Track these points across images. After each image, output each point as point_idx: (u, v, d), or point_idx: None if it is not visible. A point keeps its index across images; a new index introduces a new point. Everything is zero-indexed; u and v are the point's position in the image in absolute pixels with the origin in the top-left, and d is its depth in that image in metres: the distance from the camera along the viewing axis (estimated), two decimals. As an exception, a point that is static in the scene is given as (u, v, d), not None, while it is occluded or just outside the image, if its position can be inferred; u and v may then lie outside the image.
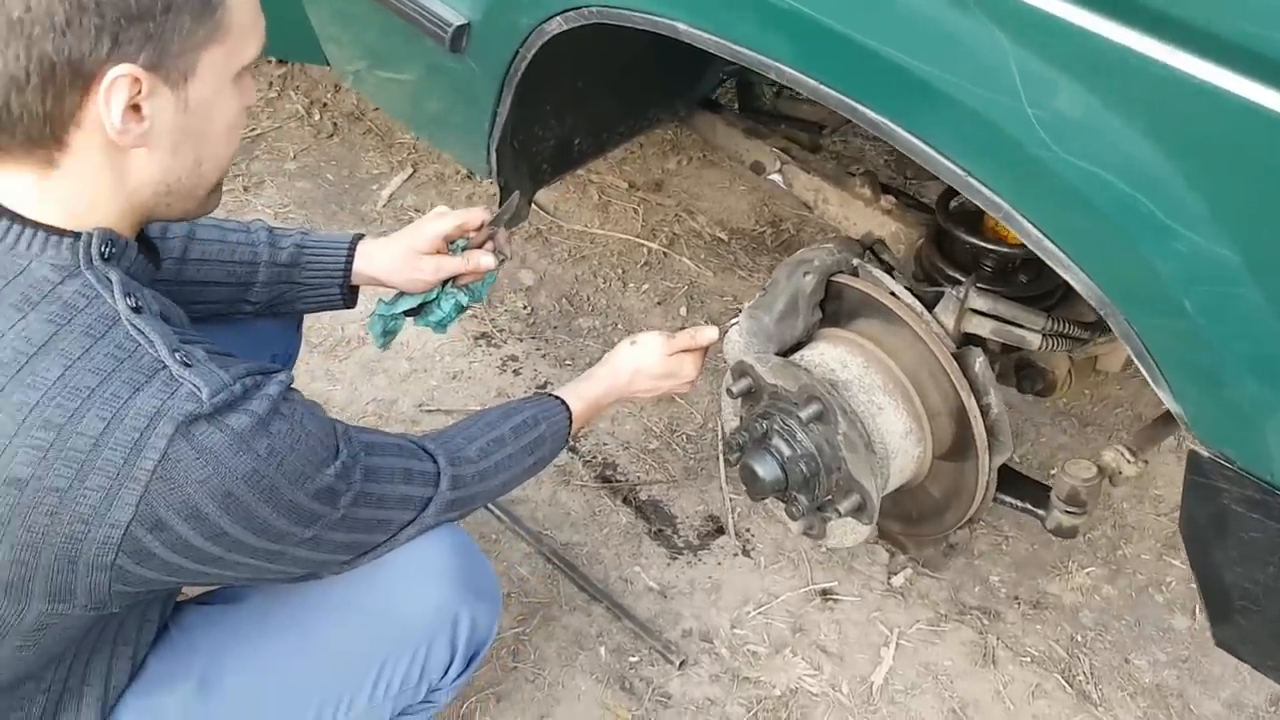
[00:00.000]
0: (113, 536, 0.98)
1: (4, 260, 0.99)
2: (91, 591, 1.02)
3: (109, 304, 1.00)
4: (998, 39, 0.95)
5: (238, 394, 1.01)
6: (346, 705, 1.30)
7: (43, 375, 0.96)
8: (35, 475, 0.95)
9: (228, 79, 1.06)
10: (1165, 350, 1.01)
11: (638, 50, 1.75)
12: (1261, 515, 1.01)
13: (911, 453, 1.57)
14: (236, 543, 1.05)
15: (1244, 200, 0.90)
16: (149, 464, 0.96)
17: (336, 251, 1.55)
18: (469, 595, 1.32)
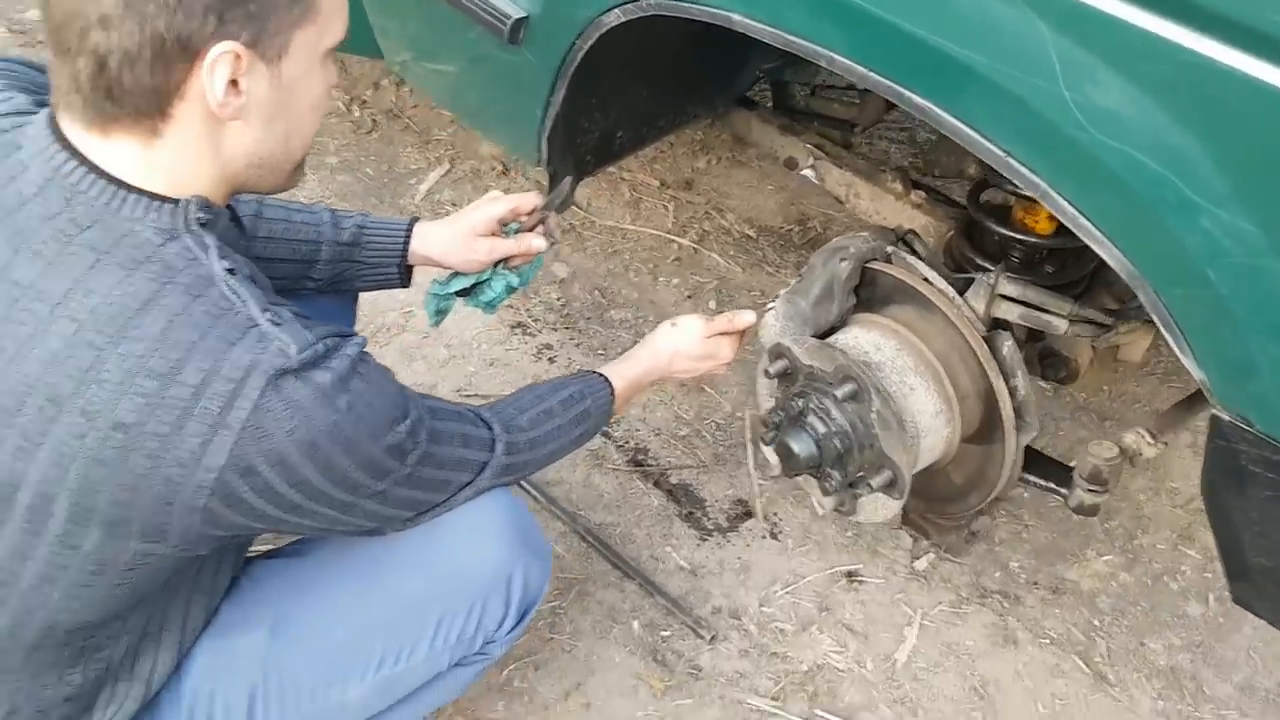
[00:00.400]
0: (207, 480, 1.05)
1: (112, 223, 1.06)
2: (184, 533, 1.09)
3: (206, 265, 1.07)
4: (1038, 27, 1.02)
5: (321, 352, 1.08)
6: (408, 653, 1.37)
7: (147, 329, 1.03)
8: (139, 421, 1.03)
9: (316, 58, 1.13)
10: (1190, 320, 1.08)
11: (680, 47, 1.83)
12: (1278, 475, 1.08)
13: (941, 432, 1.64)
14: (316, 491, 1.12)
15: (1265, 178, 0.97)
16: (242, 413, 1.03)
17: (395, 232, 1.63)
18: (524, 554, 1.40)
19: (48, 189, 1.06)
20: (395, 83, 3.07)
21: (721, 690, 1.85)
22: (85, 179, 1.06)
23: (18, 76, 1.21)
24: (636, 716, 1.82)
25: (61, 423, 1.03)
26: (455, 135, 2.92)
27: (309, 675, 1.35)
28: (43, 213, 1.06)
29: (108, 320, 1.03)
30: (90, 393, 1.02)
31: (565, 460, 2.15)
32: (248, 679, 1.33)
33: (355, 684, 1.37)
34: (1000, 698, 1.87)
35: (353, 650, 1.36)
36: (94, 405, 1.02)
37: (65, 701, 1.23)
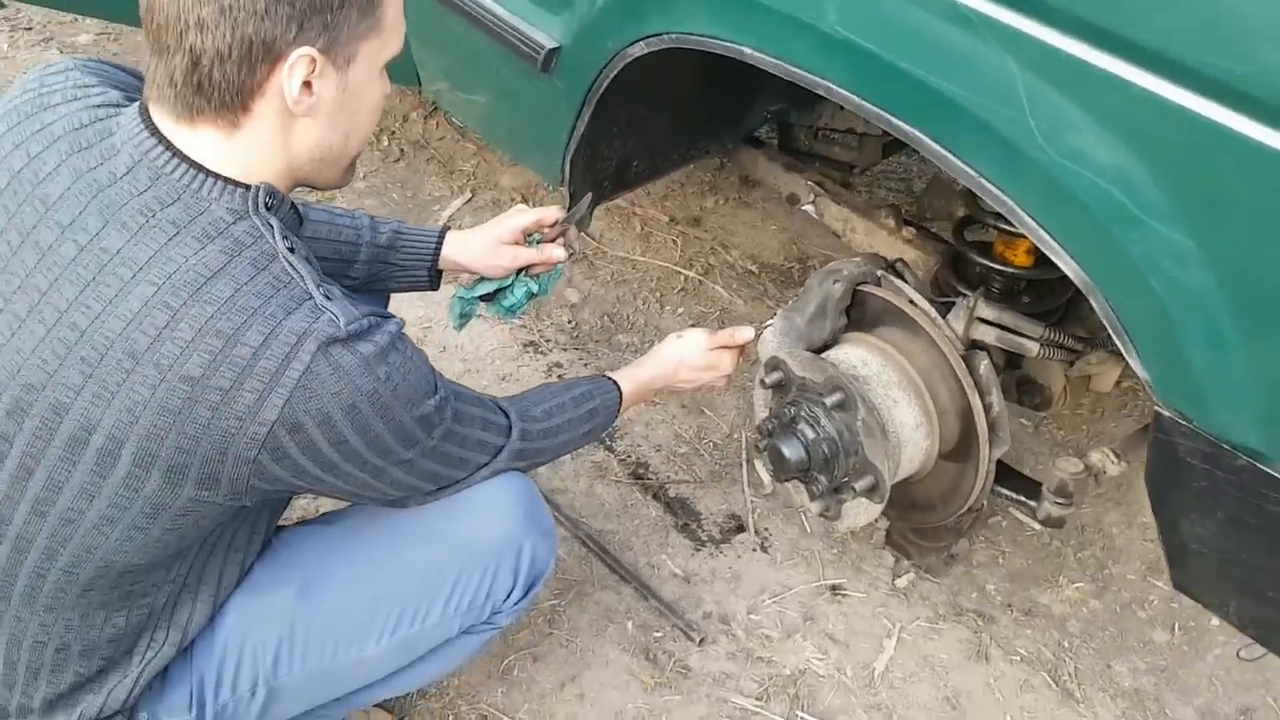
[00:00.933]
0: (259, 434, 1.17)
1: (190, 202, 1.19)
2: (233, 482, 1.21)
3: (270, 243, 1.20)
4: (1009, 64, 1.18)
5: (365, 326, 1.21)
6: (424, 615, 1.48)
7: (217, 294, 1.16)
8: (205, 375, 1.15)
9: (378, 68, 1.28)
10: (1135, 323, 1.22)
11: (694, 84, 1.99)
12: (1210, 466, 1.20)
13: (921, 444, 1.78)
14: (353, 452, 1.24)
15: (1198, 197, 1.12)
16: (295, 373, 1.15)
17: (429, 238, 1.78)
18: (532, 529, 1.52)
19: (137, 170, 1.19)
20: (423, 116, 3.24)
21: (708, 689, 1.96)
22: (170, 162, 1.19)
23: (110, 76, 1.35)
24: (627, 708, 1.92)
25: (137, 374, 1.15)
26: (478, 167, 3.08)
27: (332, 632, 1.46)
28: (131, 190, 1.19)
29: (183, 285, 1.16)
30: (164, 348, 1.14)
31: (570, 470, 2.29)
32: (275, 632, 1.44)
33: (373, 643, 1.48)
34: (971, 708, 1.97)
35: (373, 611, 1.48)
36: (166, 359, 1.15)
37: (109, 642, 1.34)
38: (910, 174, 3.14)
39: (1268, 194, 1.07)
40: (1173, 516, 1.32)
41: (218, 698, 1.43)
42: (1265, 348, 1.14)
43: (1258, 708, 2.00)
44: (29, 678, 1.33)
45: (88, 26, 3.42)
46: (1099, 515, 2.32)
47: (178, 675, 1.43)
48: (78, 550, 1.25)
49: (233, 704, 1.45)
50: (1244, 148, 1.06)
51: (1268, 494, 1.18)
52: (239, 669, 1.44)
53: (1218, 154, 1.08)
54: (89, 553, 1.25)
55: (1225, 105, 1.06)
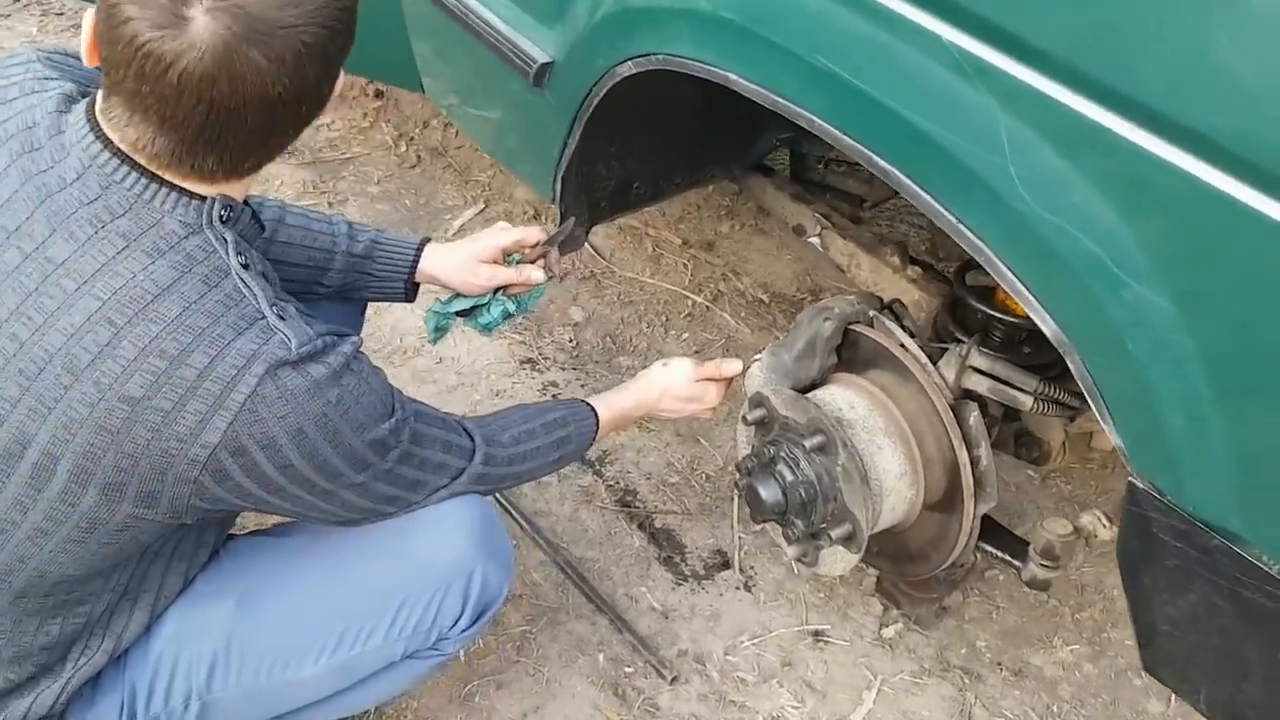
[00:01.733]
0: (200, 456, 1.14)
1: (142, 213, 1.15)
2: (173, 502, 1.18)
3: (223, 259, 1.17)
4: (990, 106, 1.11)
5: (319, 348, 1.18)
6: (366, 636, 1.44)
7: (164, 312, 1.13)
8: (147, 396, 1.12)
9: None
10: (1110, 387, 1.15)
11: (695, 107, 1.94)
12: (1184, 544, 1.13)
13: (904, 494, 1.71)
14: (299, 476, 1.21)
15: (1180, 259, 1.05)
16: (240, 397, 1.13)
17: (405, 250, 1.75)
18: (485, 555, 1.47)
19: (86, 176, 1.15)
20: (443, 123, 3.22)
21: (675, 731, 1.90)
22: (119, 170, 1.15)
23: (71, 68, 1.32)
24: (589, 744, 1.87)
25: (75, 390, 1.12)
26: (494, 178, 3.05)
27: (269, 648, 1.43)
28: (81, 197, 1.15)
29: (129, 301, 1.12)
30: (105, 365, 1.12)
31: (555, 493, 2.24)
32: (210, 646, 1.41)
33: (311, 662, 1.44)
34: (949, 770, 1.90)
35: (312, 629, 1.44)
36: (106, 378, 1.12)
37: (42, 650, 1.31)
38: (931, 211, 3.07)
39: (1253, 259, 1.00)
40: (1144, 594, 1.24)
41: (149, 709, 1.40)
42: (1243, 421, 1.07)
43: (1252, 791, 1.91)
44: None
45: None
46: (1100, 576, 2.23)
47: (109, 683, 1.40)
48: (10, 560, 1.22)
49: (165, 716, 1.41)
50: (1230, 210, 0.99)
51: (1242, 579, 1.11)
52: (172, 680, 1.40)
53: (1203, 215, 1.01)
54: (22, 562, 1.22)
55: (1213, 165, 0.99)
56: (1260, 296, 1.01)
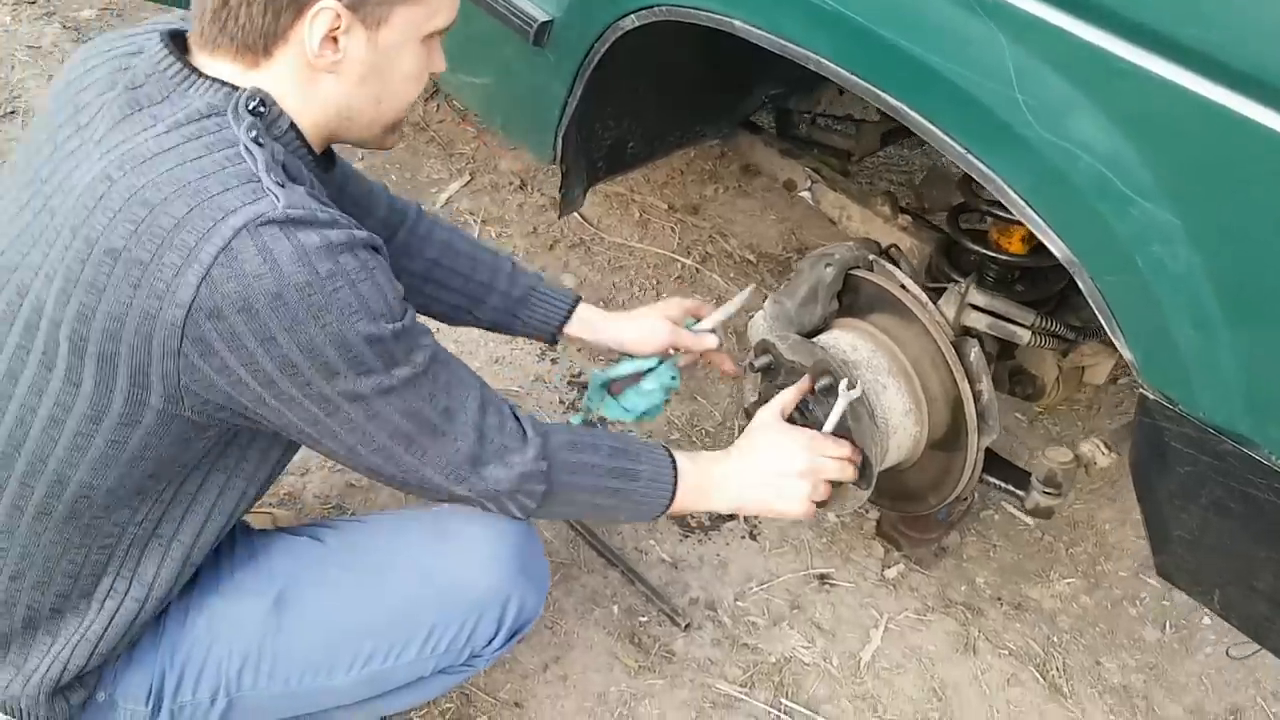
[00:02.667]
0: (178, 318, 1.09)
1: (177, 99, 1.18)
2: (164, 380, 1.13)
3: (234, 133, 1.15)
4: (997, 37, 1.16)
5: (319, 219, 1.11)
6: (397, 653, 1.43)
7: (158, 167, 1.12)
8: (127, 247, 1.10)
9: (416, 37, 1.26)
10: (1121, 303, 1.20)
11: (689, 64, 1.97)
12: (1196, 450, 1.19)
13: (910, 431, 1.76)
14: (286, 361, 1.12)
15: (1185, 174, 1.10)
16: (214, 249, 1.07)
17: (562, 300, 1.76)
18: (522, 581, 1.45)
19: (137, 66, 1.20)
20: (423, 98, 3.22)
21: (692, 674, 1.95)
22: (166, 59, 1.18)
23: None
24: (610, 691, 1.91)
25: (73, 248, 1.13)
26: (477, 150, 3.07)
27: (301, 656, 1.42)
28: (130, 84, 1.19)
29: (128, 158, 1.13)
30: (95, 220, 1.12)
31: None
32: (243, 645, 1.40)
33: (342, 673, 1.43)
34: (957, 700, 1.96)
35: (346, 641, 1.43)
36: (95, 231, 1.12)
37: (65, 577, 1.29)
38: (911, 166, 3.12)
39: (1256, 171, 1.05)
40: (1157, 502, 1.30)
41: (176, 697, 1.40)
42: (1252, 329, 1.13)
43: (1246, 707, 1.99)
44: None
45: (92, 1, 3.42)
46: (1092, 512, 2.30)
47: (142, 658, 1.39)
48: (32, 458, 1.22)
49: (191, 707, 1.40)
50: (1232, 124, 1.04)
51: (1253, 480, 1.16)
52: (201, 674, 1.40)
53: (1206, 130, 1.07)
54: (40, 462, 1.22)
55: (1213, 80, 1.04)
56: (1263, 207, 1.07)
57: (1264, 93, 1.02)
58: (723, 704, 1.91)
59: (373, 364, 1.16)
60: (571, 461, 1.38)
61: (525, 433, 1.34)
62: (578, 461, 1.39)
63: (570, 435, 1.41)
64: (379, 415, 1.21)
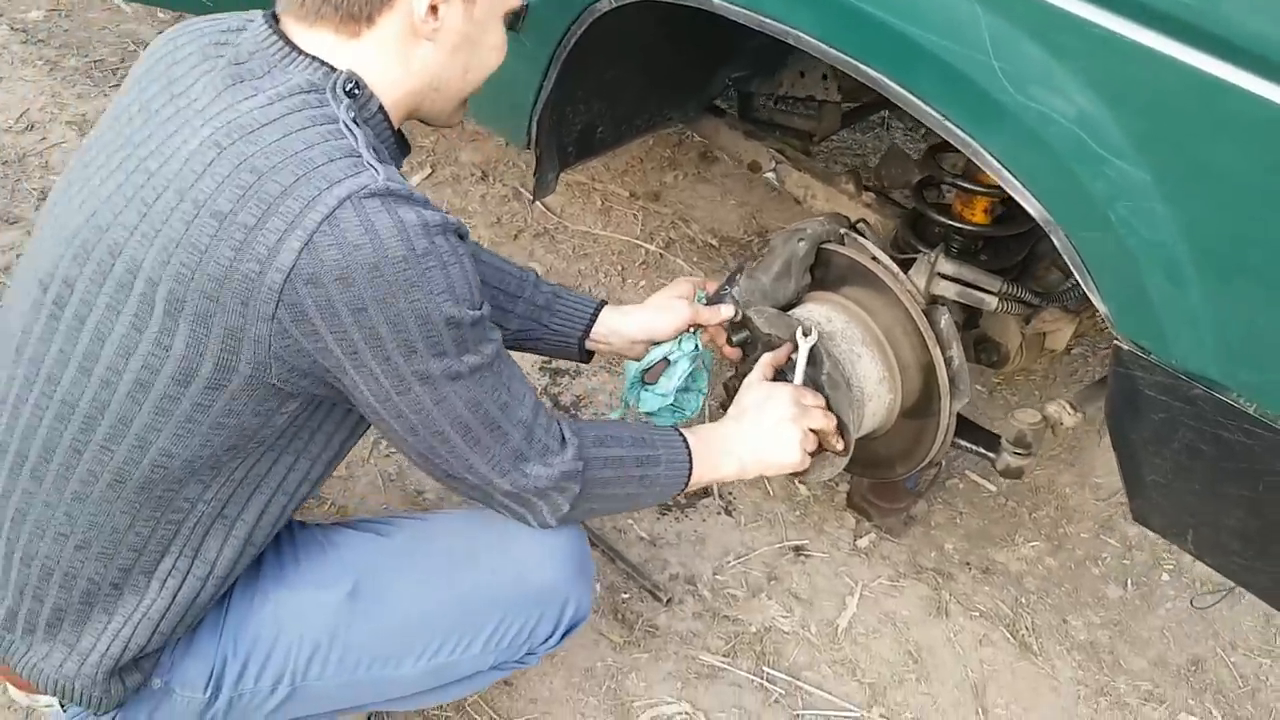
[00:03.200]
0: (277, 282, 1.11)
1: (278, 74, 1.21)
2: (256, 345, 1.15)
3: (333, 110, 1.19)
4: (973, 7, 1.22)
5: (417, 198, 1.15)
6: (465, 646, 1.46)
7: (265, 136, 1.15)
8: (233, 210, 1.13)
9: (502, 9, 1.34)
10: (1095, 258, 1.26)
11: (657, 48, 2.01)
12: (1169, 398, 1.25)
13: (884, 398, 1.81)
14: (373, 332, 1.15)
15: (1155, 130, 1.16)
16: (318, 216, 1.10)
17: (584, 308, 1.76)
18: (580, 581, 1.49)
19: (241, 44, 1.24)
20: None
21: (676, 647, 1.99)
22: (269, 38, 1.22)
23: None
24: (596, 666, 1.95)
25: (178, 212, 1.15)
26: (437, 143, 3.09)
27: (372, 646, 1.43)
28: (233, 59, 1.23)
29: (236, 128, 1.16)
30: (203, 184, 1.14)
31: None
32: (314, 634, 1.41)
33: (409, 664, 1.45)
34: (932, 661, 2.02)
35: (417, 632, 1.45)
36: (203, 195, 1.14)
37: (130, 550, 1.28)
38: (864, 149, 3.19)
39: (1223, 127, 1.12)
40: (1132, 449, 1.36)
41: (238, 685, 1.39)
42: (1221, 279, 1.19)
43: (1207, 658, 2.07)
44: (42, 579, 1.30)
45: (39, 3, 3.38)
46: (1053, 477, 2.38)
47: (202, 646, 1.39)
48: (114, 422, 1.22)
49: (250, 695, 1.41)
50: (1200, 83, 1.10)
51: (1224, 423, 1.23)
52: (267, 662, 1.40)
53: (1175, 90, 1.13)
54: (125, 424, 1.22)
55: (1182, 42, 1.10)
56: (1231, 161, 1.13)
57: (1230, 52, 1.08)
58: (707, 674, 1.95)
59: (447, 346, 1.20)
60: (602, 457, 1.41)
61: (564, 434, 1.38)
62: (608, 456, 1.42)
63: (596, 430, 1.44)
64: (445, 400, 1.24)
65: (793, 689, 1.95)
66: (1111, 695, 1.99)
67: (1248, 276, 1.18)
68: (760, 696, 1.93)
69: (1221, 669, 2.05)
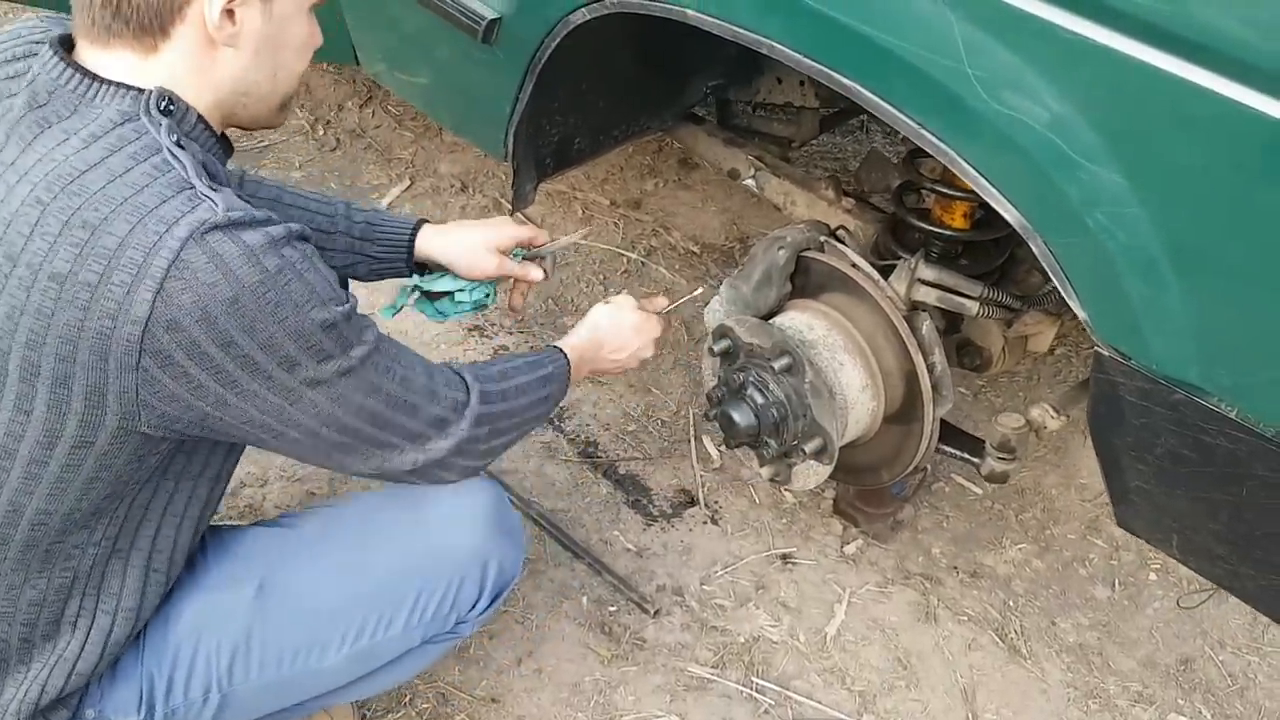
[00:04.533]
0: (135, 334, 1.08)
1: (85, 110, 1.16)
2: (121, 397, 1.12)
3: (154, 138, 1.15)
4: (945, 14, 1.21)
5: (258, 218, 1.12)
6: (385, 625, 1.45)
7: (88, 186, 1.11)
8: (72, 270, 1.09)
9: (304, 8, 1.29)
10: (1073, 264, 1.26)
11: (634, 58, 2.01)
12: (1149, 403, 1.25)
13: (867, 405, 1.81)
14: (248, 360, 1.13)
15: (1129, 135, 1.16)
16: (164, 262, 1.07)
17: (401, 231, 1.73)
18: (500, 540, 1.49)
19: (37, 85, 1.18)
20: (359, 105, 3.22)
21: (664, 659, 1.98)
22: (65, 73, 1.17)
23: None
24: (584, 681, 1.93)
25: (14, 278, 1.12)
26: (416, 155, 3.07)
27: (290, 639, 1.42)
28: (30, 103, 1.17)
29: (56, 180, 1.12)
30: (34, 245, 1.11)
31: (519, 451, 2.30)
32: (231, 637, 1.40)
33: (332, 652, 1.44)
34: (922, 667, 2.01)
35: (333, 619, 1.44)
36: (36, 257, 1.10)
37: (31, 606, 1.27)
38: (844, 153, 3.19)
39: (1196, 131, 1.11)
40: (1115, 455, 1.36)
41: (168, 701, 1.39)
42: (1198, 283, 1.19)
43: (1196, 657, 2.07)
44: None
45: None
46: (1038, 479, 2.37)
47: (127, 670, 1.38)
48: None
49: (184, 708, 1.39)
50: (1173, 87, 1.10)
51: (1205, 427, 1.23)
52: (191, 672, 1.39)
53: (1148, 94, 1.13)
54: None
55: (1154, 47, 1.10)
56: (1205, 164, 1.13)
57: (1202, 55, 1.08)
58: (696, 686, 1.94)
59: (331, 349, 1.19)
60: (505, 388, 1.46)
61: (464, 380, 1.39)
62: (510, 387, 1.47)
63: (492, 368, 1.48)
64: (342, 396, 1.23)
65: (782, 699, 1.94)
66: (1101, 697, 1.99)
67: (1226, 280, 1.17)
68: (750, 707, 1.92)
69: (1210, 668, 2.05)
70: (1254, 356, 1.20)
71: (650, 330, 1.76)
